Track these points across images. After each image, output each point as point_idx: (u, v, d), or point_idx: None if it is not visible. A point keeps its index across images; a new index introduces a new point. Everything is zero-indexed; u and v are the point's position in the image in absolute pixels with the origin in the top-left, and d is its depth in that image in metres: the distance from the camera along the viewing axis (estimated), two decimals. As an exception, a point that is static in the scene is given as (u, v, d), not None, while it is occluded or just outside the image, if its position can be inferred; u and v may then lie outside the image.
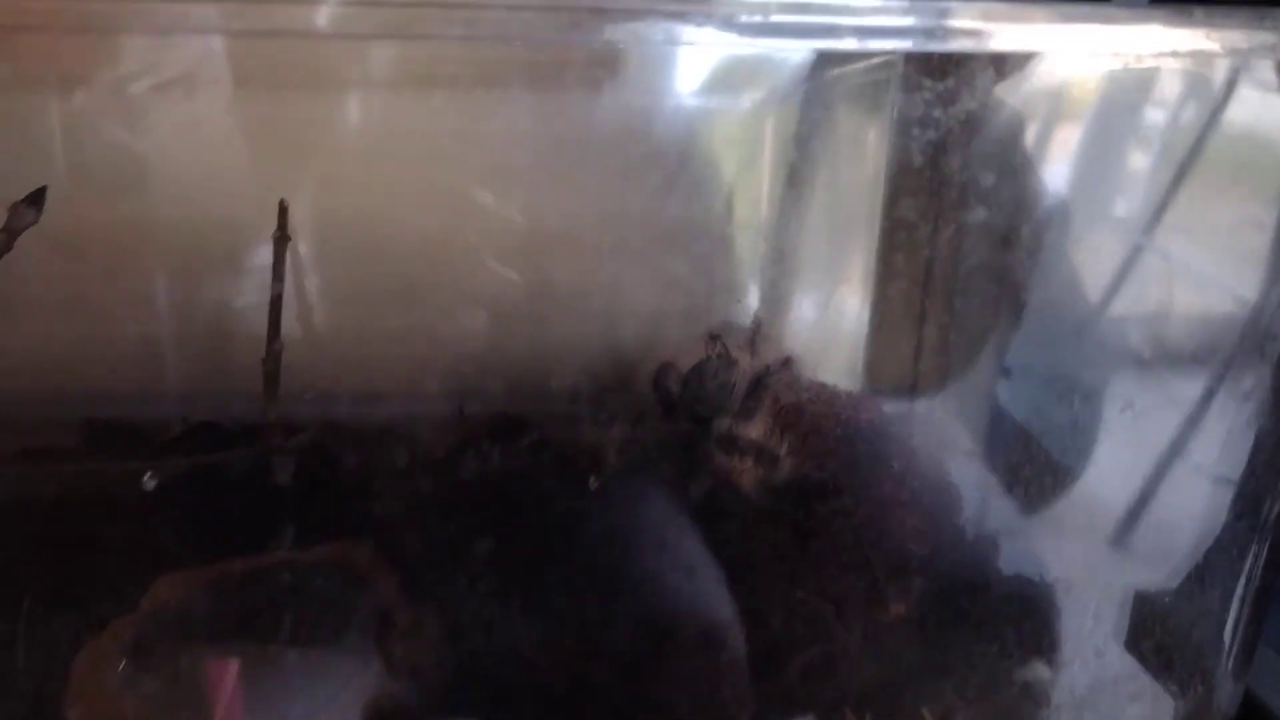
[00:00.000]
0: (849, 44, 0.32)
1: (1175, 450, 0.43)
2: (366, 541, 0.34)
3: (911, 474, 0.40)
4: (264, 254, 0.38)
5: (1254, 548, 0.42)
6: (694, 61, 0.39)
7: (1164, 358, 0.42)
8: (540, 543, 0.39)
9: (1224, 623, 0.43)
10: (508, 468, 0.39)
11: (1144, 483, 0.43)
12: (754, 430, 0.40)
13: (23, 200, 0.33)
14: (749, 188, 0.43)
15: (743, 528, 0.40)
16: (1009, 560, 0.42)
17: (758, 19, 0.31)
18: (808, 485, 0.39)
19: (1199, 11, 0.34)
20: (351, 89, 0.38)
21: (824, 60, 0.41)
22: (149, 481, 0.34)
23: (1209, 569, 0.43)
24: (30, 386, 0.39)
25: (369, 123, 0.38)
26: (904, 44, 0.33)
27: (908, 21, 0.32)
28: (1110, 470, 0.43)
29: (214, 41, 0.35)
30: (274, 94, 0.38)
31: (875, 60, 0.41)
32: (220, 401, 0.38)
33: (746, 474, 0.40)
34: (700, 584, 0.39)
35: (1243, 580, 0.43)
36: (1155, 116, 0.41)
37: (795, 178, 0.43)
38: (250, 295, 0.38)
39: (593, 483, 0.38)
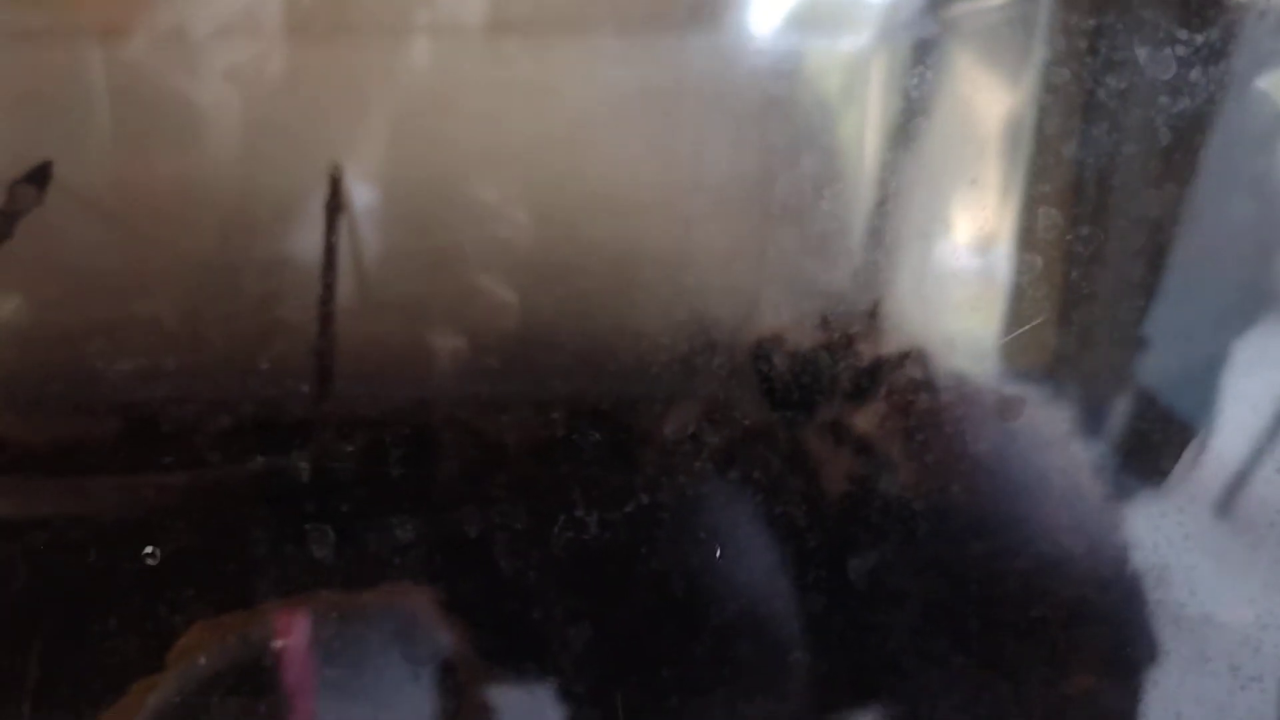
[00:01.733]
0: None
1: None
2: (426, 584, 0.29)
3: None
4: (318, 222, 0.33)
5: None
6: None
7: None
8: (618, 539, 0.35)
9: None
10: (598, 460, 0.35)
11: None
12: (871, 426, 0.35)
13: (22, 178, 0.29)
14: (862, 144, 0.38)
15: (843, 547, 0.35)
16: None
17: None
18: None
19: None
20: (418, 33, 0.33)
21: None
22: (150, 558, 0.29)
23: None
24: (59, 368, 0.35)
25: (435, 72, 0.34)
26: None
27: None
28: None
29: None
30: (329, 40, 0.33)
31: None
32: (267, 393, 0.34)
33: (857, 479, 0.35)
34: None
35: None
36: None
37: (915, 134, 0.37)
38: (303, 271, 0.33)
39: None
